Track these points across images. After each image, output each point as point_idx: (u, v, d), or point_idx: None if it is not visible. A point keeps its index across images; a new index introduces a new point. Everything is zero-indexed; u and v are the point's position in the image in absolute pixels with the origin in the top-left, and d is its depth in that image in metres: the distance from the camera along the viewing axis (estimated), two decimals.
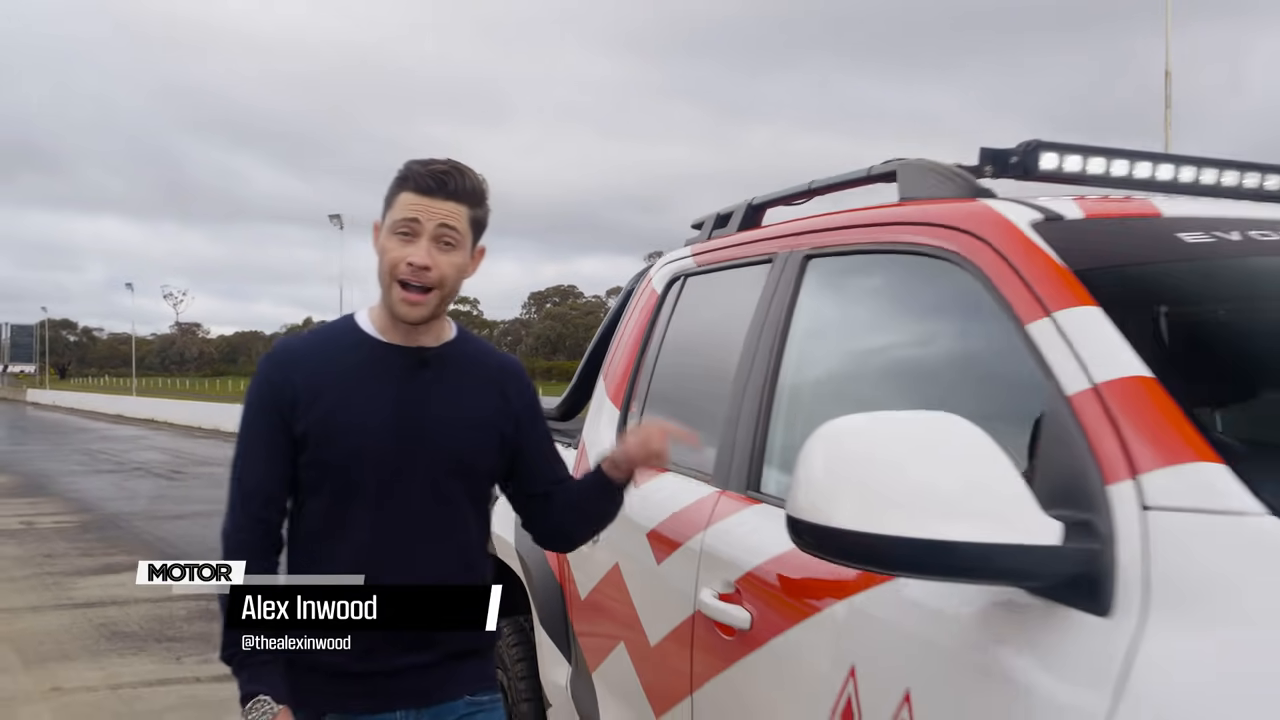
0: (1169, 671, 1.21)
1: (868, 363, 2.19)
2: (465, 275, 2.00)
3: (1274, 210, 2.05)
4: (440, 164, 1.96)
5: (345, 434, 1.93)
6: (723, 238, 2.88)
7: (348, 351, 2.00)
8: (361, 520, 1.95)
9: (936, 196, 2.04)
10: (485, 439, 2.03)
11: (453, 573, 1.98)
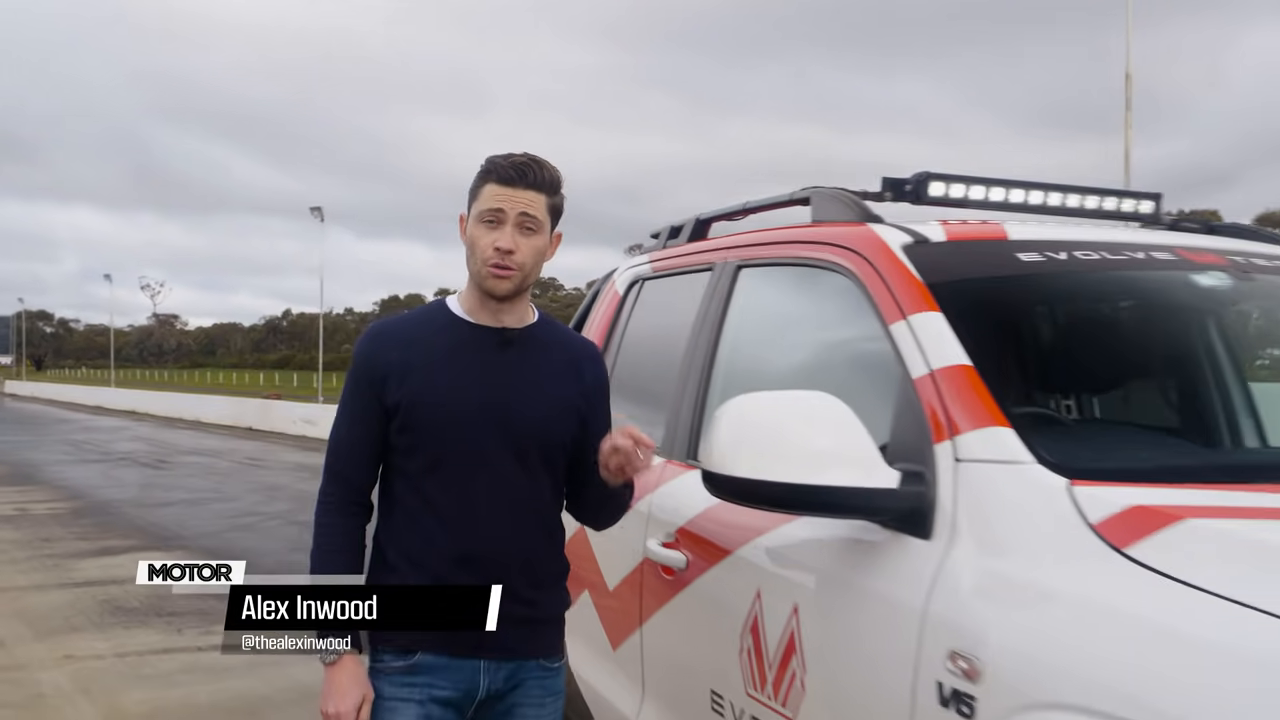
0: (963, 574, 1.69)
1: (780, 353, 2.67)
2: (545, 258, 2.18)
3: (1106, 232, 2.53)
4: (519, 157, 2.14)
5: (435, 408, 2.11)
6: (675, 248, 3.36)
7: (438, 331, 2.18)
8: (448, 485, 2.12)
9: (838, 219, 2.52)
10: (563, 414, 2.19)
11: (535, 538, 2.16)
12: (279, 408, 31.28)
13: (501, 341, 2.16)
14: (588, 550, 3.07)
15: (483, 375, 2.13)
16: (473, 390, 2.12)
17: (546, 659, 2.21)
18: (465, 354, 2.14)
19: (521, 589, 2.12)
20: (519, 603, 2.11)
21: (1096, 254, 2.27)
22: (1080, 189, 2.85)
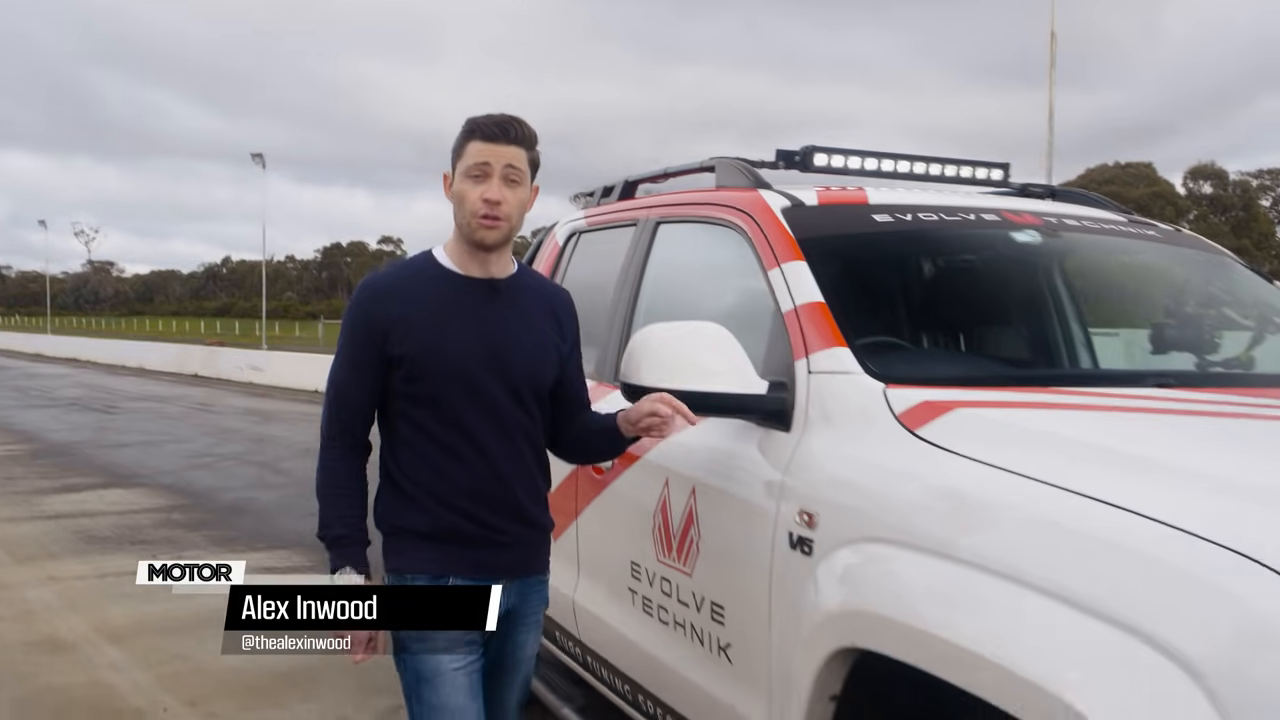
0: (810, 455, 2.30)
1: (688, 293, 3.25)
2: (527, 209, 2.36)
3: (949, 197, 3.14)
4: (500, 116, 2.31)
5: (442, 358, 2.28)
6: (606, 205, 3.92)
7: (432, 284, 2.34)
8: (455, 423, 2.29)
9: (736, 185, 3.09)
10: (548, 356, 2.40)
11: (533, 466, 2.39)
12: (225, 354, 31.35)
13: (491, 291, 2.35)
14: None
15: (480, 324, 2.32)
16: (473, 339, 2.30)
17: (543, 573, 2.47)
18: (463, 305, 2.32)
19: (530, 512, 2.36)
20: (528, 525, 2.37)
21: (935, 215, 2.88)
22: (940, 159, 3.45)
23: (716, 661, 2.57)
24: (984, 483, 1.88)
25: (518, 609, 2.41)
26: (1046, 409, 2.22)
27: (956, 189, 3.59)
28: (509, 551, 2.34)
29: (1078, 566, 1.63)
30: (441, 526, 2.30)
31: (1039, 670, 1.62)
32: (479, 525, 2.30)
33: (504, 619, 2.33)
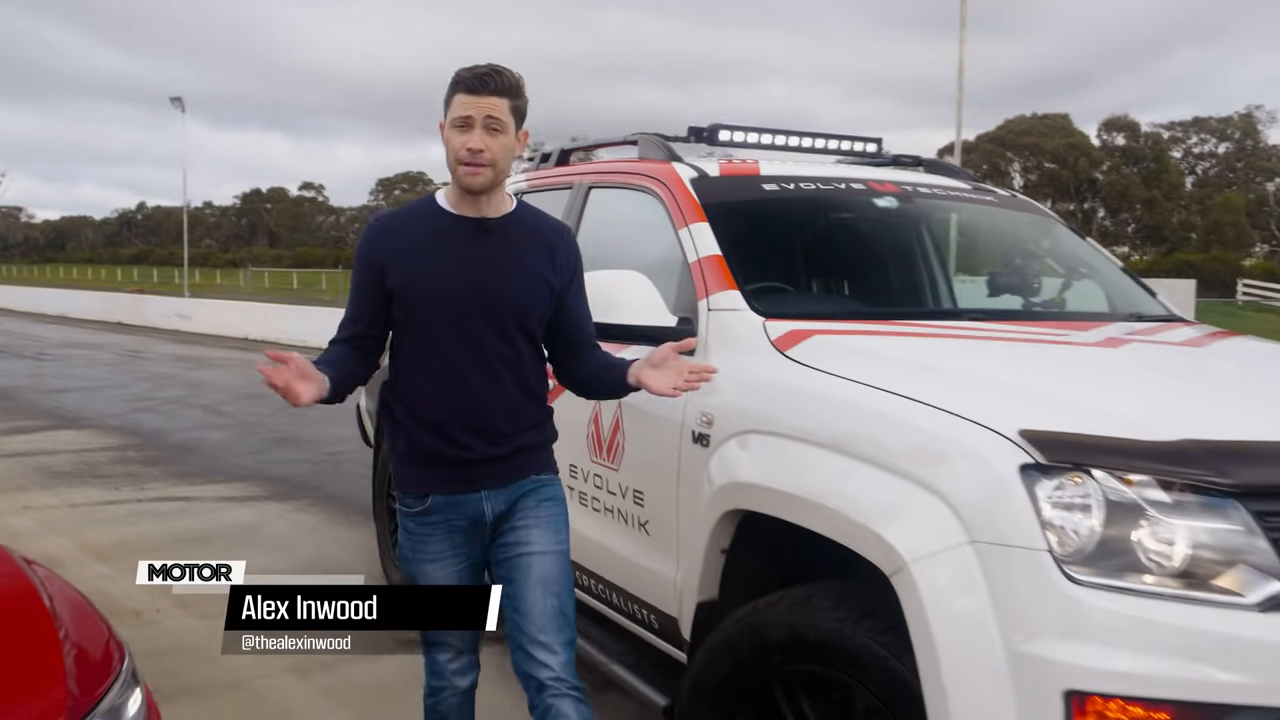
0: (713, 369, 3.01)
1: (616, 247, 3.92)
2: (513, 153, 2.50)
3: (826, 169, 3.85)
4: (483, 68, 2.46)
5: (424, 287, 2.48)
6: (545, 170, 4.56)
7: (427, 223, 2.54)
8: (440, 353, 2.50)
9: (654, 158, 3.76)
10: (536, 289, 2.54)
11: (514, 393, 2.56)
12: (150, 302, 31.23)
13: (480, 229, 2.53)
14: None
15: (464, 259, 2.50)
16: (455, 273, 2.49)
17: (537, 474, 2.64)
18: (449, 241, 2.51)
19: (507, 432, 2.56)
20: (504, 444, 2.56)
21: (814, 185, 3.59)
22: (825, 134, 4.15)
23: (639, 536, 3.29)
24: (823, 385, 2.62)
25: (517, 510, 2.60)
26: (879, 335, 2.95)
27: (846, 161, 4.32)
28: (482, 466, 2.55)
29: (882, 440, 2.37)
30: (423, 450, 2.55)
31: (858, 512, 2.36)
32: (455, 446, 2.52)
33: (498, 524, 2.59)
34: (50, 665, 2.03)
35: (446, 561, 2.62)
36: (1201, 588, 2.06)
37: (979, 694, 2.10)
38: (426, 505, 2.59)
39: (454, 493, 2.58)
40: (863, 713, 2.43)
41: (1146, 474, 2.12)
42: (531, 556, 2.58)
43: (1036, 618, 2.07)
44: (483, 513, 2.59)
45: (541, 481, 2.66)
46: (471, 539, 2.63)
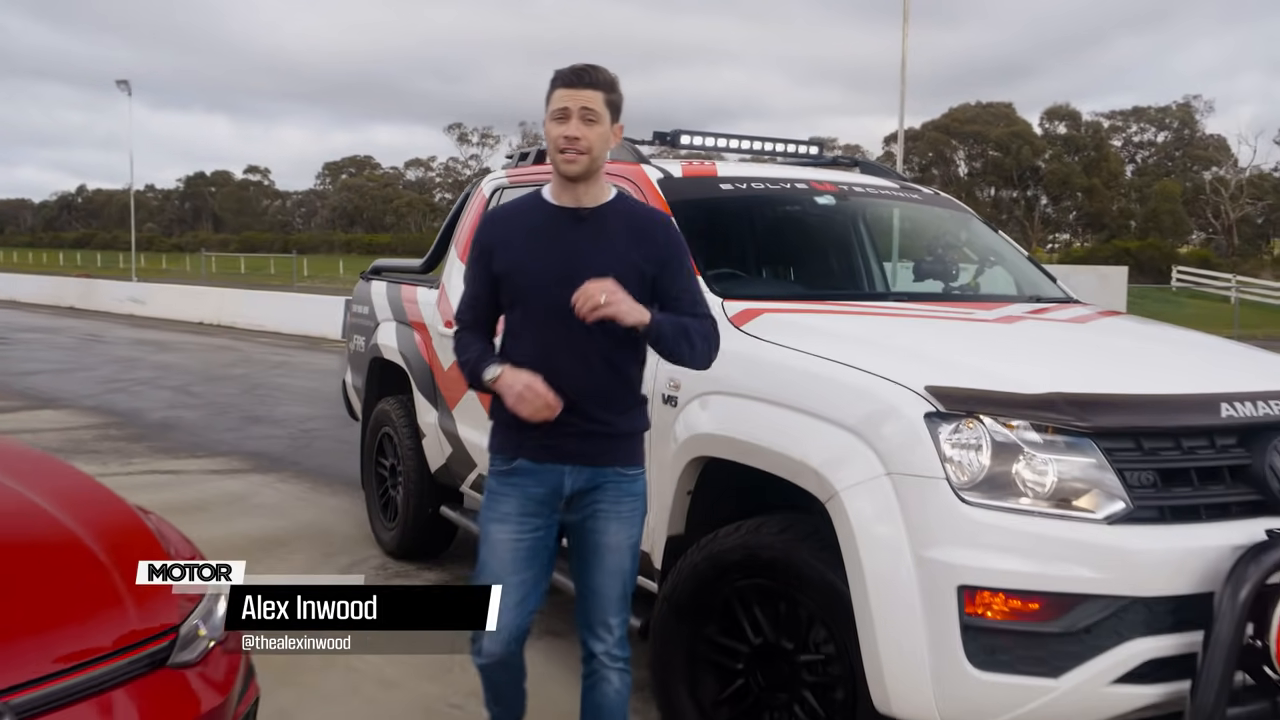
0: None
1: None
2: (609, 144, 2.68)
3: (775, 170, 4.42)
4: (579, 65, 2.66)
5: (523, 273, 2.67)
6: (524, 167, 5.08)
7: (530, 214, 2.75)
8: (535, 333, 2.67)
9: (626, 160, 4.30)
10: (626, 275, 2.62)
11: (605, 375, 2.69)
12: (103, 287, 31.15)
13: (576, 219, 2.69)
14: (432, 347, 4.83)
15: (560, 247, 2.67)
16: (551, 260, 2.65)
17: (623, 467, 2.77)
18: (548, 231, 2.69)
19: (595, 412, 2.69)
20: (593, 422, 2.70)
21: (763, 184, 4.15)
22: (773, 139, 4.72)
23: None
24: (769, 352, 3.19)
25: (591, 496, 2.75)
26: (817, 313, 3.53)
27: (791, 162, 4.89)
28: (570, 441, 2.69)
29: (815, 395, 2.95)
30: (517, 417, 2.67)
31: (799, 453, 2.93)
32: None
33: (575, 500, 2.75)
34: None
35: (511, 525, 2.76)
36: (1064, 507, 2.66)
37: (895, 592, 2.68)
38: (512, 467, 2.76)
39: (540, 460, 2.73)
40: (804, 618, 3.02)
41: (1023, 419, 2.71)
42: (608, 548, 2.78)
43: (937, 531, 2.65)
44: (562, 485, 2.73)
45: (627, 476, 2.79)
46: (544, 509, 2.76)
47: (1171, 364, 3.37)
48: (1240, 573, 2.54)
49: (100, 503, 2.81)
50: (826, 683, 2.98)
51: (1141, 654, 2.58)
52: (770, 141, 4.72)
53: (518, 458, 2.75)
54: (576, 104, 2.62)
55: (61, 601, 2.32)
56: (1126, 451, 2.70)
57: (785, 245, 4.37)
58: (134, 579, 2.43)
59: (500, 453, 2.79)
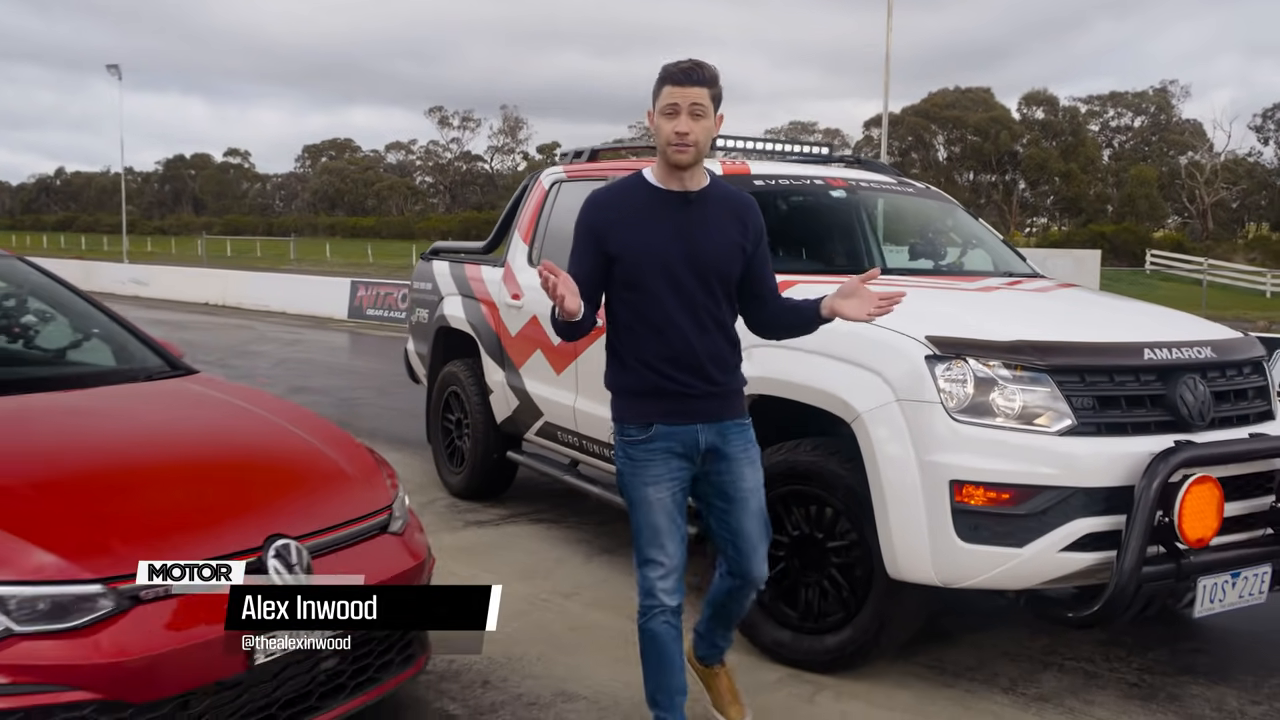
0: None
1: None
2: (712, 134, 2.87)
3: (798, 169, 5.35)
4: (686, 63, 2.83)
5: (638, 253, 2.87)
6: (579, 164, 6.00)
7: (638, 195, 2.94)
8: (657, 305, 2.90)
9: None
10: (732, 252, 2.93)
11: (718, 340, 3.00)
12: (104, 269, 31.85)
13: (684, 202, 2.93)
14: (538, 328, 5.75)
15: (675, 227, 2.91)
16: (669, 240, 2.90)
17: (739, 418, 3.09)
18: (660, 212, 2.92)
19: (714, 374, 2.99)
20: (712, 384, 2.99)
21: (787, 181, 5.09)
22: (792, 141, 5.65)
23: None
24: None
25: (722, 447, 3.04)
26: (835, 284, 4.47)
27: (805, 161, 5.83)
28: (698, 402, 2.98)
29: (841, 345, 3.87)
30: (647, 385, 2.97)
31: (831, 387, 3.87)
32: (674, 382, 2.95)
33: (710, 454, 3.04)
34: (374, 465, 3.48)
35: (663, 484, 3.01)
36: (1028, 424, 3.61)
37: (903, 487, 3.64)
38: (650, 434, 2.99)
39: (674, 423, 2.98)
40: (831, 515, 3.97)
41: (998, 360, 3.66)
42: (747, 493, 3.10)
43: (935, 442, 3.61)
44: (697, 443, 3.01)
45: (744, 425, 3.11)
46: (685, 465, 3.03)
47: (1108, 321, 4.35)
48: (1153, 470, 3.50)
49: (332, 432, 3.69)
50: (848, 563, 3.94)
51: (1082, 529, 3.54)
52: (787, 143, 5.66)
53: (653, 424, 2.99)
54: (686, 100, 2.84)
55: (324, 491, 3.26)
56: (1073, 383, 3.66)
57: (807, 230, 5.30)
58: (361, 478, 3.36)
59: (633, 422, 3.01)
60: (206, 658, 2.64)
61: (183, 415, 3.59)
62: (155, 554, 2.64)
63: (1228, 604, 3.69)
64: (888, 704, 3.75)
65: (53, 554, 2.54)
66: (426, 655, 3.39)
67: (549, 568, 5.27)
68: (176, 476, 3.08)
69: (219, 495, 3.02)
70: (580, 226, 3.00)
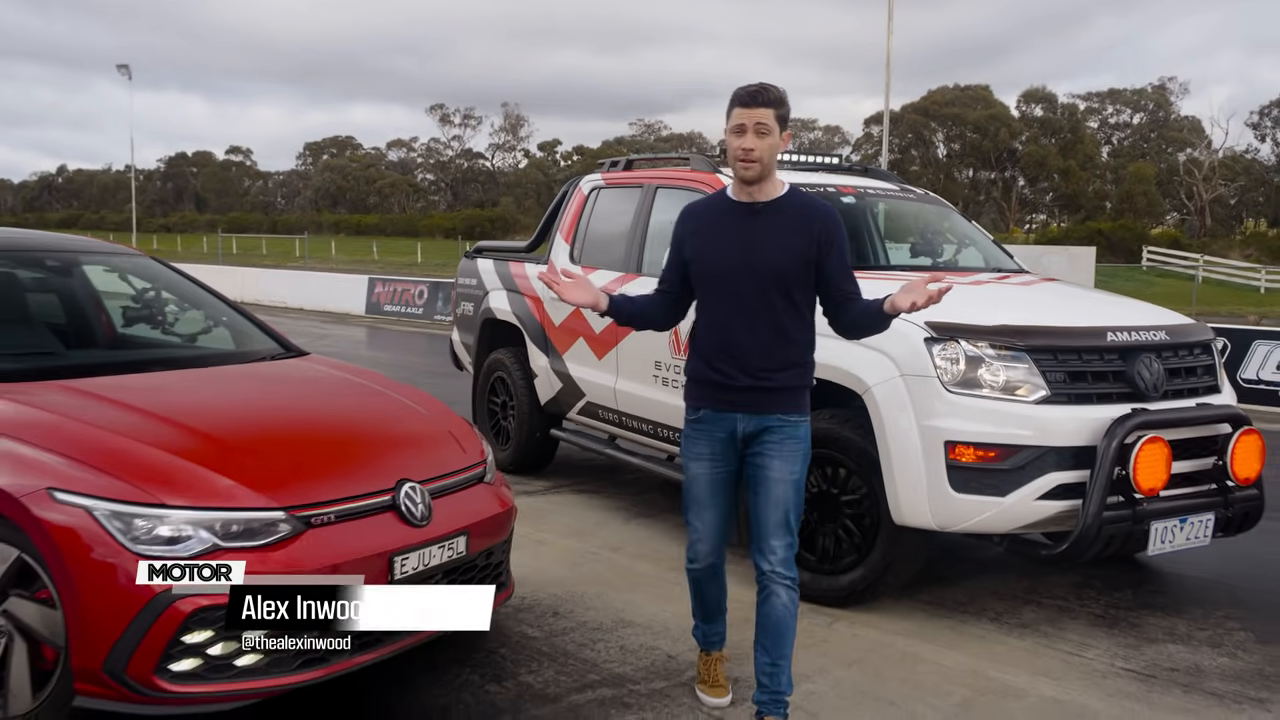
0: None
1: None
2: (778, 151, 3.15)
3: (811, 177, 6.09)
4: (754, 86, 3.15)
5: (706, 258, 3.26)
6: (616, 171, 6.73)
7: (716, 207, 3.33)
8: (715, 305, 3.26)
9: (700, 169, 5.92)
10: (795, 261, 3.17)
11: (769, 339, 3.23)
12: None
13: (751, 212, 3.22)
14: (582, 318, 6.46)
15: (738, 236, 3.22)
16: (729, 246, 3.22)
17: (784, 414, 3.29)
18: (727, 222, 3.25)
19: (759, 370, 3.25)
20: (759, 378, 3.26)
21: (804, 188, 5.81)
22: (807, 151, 6.39)
23: None
24: None
25: (759, 436, 3.32)
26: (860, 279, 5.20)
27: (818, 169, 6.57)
28: (741, 394, 3.29)
29: None
30: (702, 374, 3.35)
31: (847, 365, 4.60)
32: (721, 374, 3.30)
33: (749, 441, 3.34)
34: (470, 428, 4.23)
35: (705, 462, 3.39)
36: (1009, 394, 4.35)
37: (906, 447, 4.37)
38: (699, 416, 3.39)
39: (719, 409, 3.34)
40: (844, 474, 4.70)
41: (985, 341, 4.40)
42: (772, 480, 3.31)
43: (932, 409, 4.34)
44: (736, 430, 3.33)
45: (789, 421, 3.32)
46: (727, 449, 3.36)
47: (1078, 309, 5.09)
48: (1113, 432, 4.23)
49: (433, 401, 4.42)
50: (859, 514, 4.67)
51: (1054, 481, 4.27)
52: (805, 154, 6.39)
53: (701, 408, 3.38)
54: (751, 120, 3.14)
55: (435, 447, 3.98)
56: (1047, 360, 4.39)
57: None
58: (461, 439, 4.09)
59: (690, 403, 3.42)
60: (360, 571, 3.36)
61: (315, 387, 4.34)
62: (320, 492, 3.37)
63: (1177, 545, 4.42)
64: (893, 630, 4.48)
65: (249, 486, 3.27)
66: (510, 590, 4.13)
67: (594, 528, 6.01)
68: (325, 433, 3.83)
69: (359, 447, 3.76)
70: (674, 232, 3.49)
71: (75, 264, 4.80)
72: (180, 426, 3.52)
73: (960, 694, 3.86)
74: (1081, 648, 4.35)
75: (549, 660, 4.04)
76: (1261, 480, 4.66)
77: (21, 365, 3.92)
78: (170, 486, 3.20)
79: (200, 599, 3.05)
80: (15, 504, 3.15)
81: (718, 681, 3.73)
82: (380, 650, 3.43)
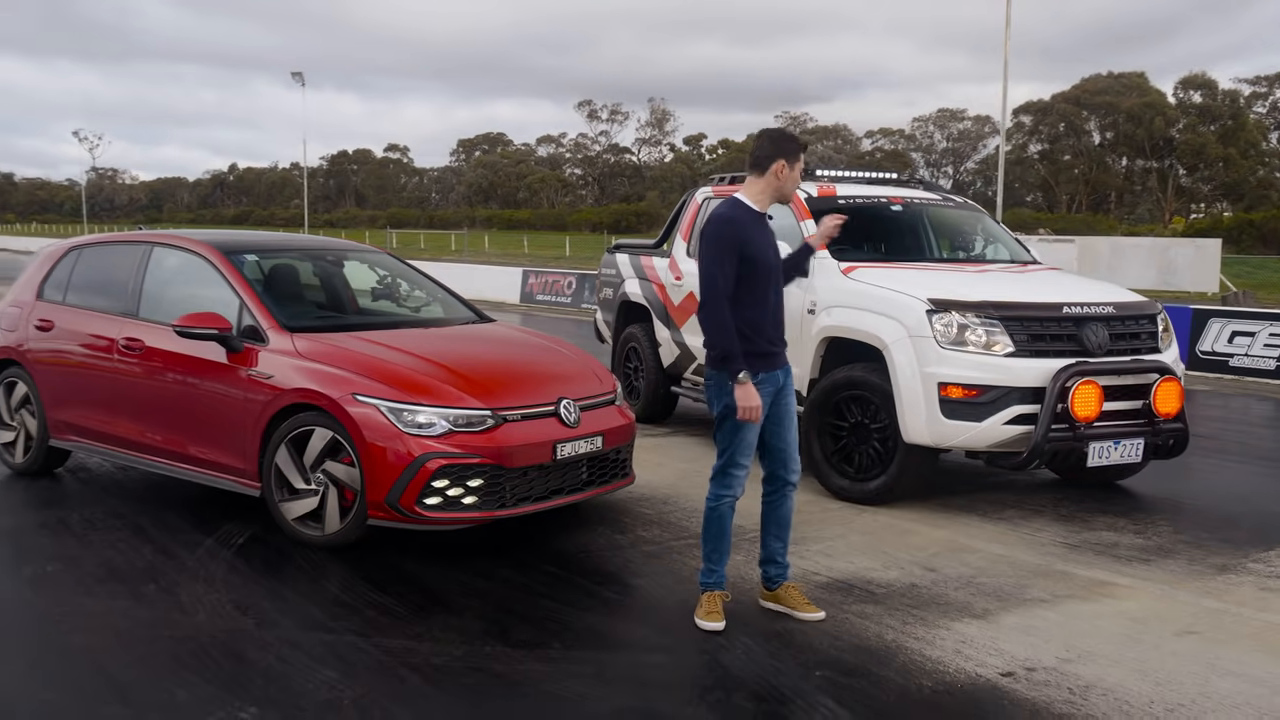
0: (816, 282, 7.12)
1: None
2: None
3: (871, 189, 7.89)
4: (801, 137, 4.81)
5: (755, 255, 4.28)
6: (722, 186, 8.65)
7: (752, 216, 4.38)
8: (758, 296, 4.32)
9: None
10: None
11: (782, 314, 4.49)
12: None
13: (765, 221, 4.46)
14: (694, 299, 8.40)
15: (768, 240, 4.44)
16: (770, 249, 4.41)
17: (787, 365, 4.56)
18: (761, 229, 4.41)
19: (779, 339, 4.48)
20: (782, 344, 4.50)
21: (863, 199, 7.63)
22: (866, 167, 8.18)
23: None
24: (859, 286, 6.69)
25: (785, 385, 4.51)
26: (884, 269, 6.98)
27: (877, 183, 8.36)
28: (778, 357, 4.47)
29: (879, 304, 6.45)
30: (753, 347, 4.33)
31: (873, 329, 6.45)
32: (768, 344, 4.40)
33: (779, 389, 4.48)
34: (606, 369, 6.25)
35: (765, 405, 4.41)
36: (987, 350, 6.12)
37: (912, 388, 6.19)
38: (760, 379, 4.36)
39: (769, 370, 4.42)
40: (873, 409, 6.53)
41: (971, 312, 6.17)
42: (791, 411, 4.56)
43: (930, 360, 6.15)
44: (779, 380, 4.49)
45: (790, 370, 4.61)
46: (771, 393, 4.45)
47: (1048, 289, 6.75)
48: (1057, 377, 5.96)
49: (580, 350, 6.47)
50: (884, 437, 6.48)
51: (1016, 412, 6.02)
52: (865, 170, 8.18)
53: (759, 373, 4.38)
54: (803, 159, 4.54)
55: (582, 378, 6.01)
56: (1015, 326, 6.14)
57: (873, 232, 7.80)
58: (600, 374, 6.10)
59: (751, 370, 4.31)
60: (535, 451, 5.39)
61: (504, 339, 6.46)
62: (511, 401, 5.43)
63: (1112, 460, 6.12)
64: (905, 517, 6.29)
65: (470, 395, 5.35)
66: (631, 478, 6.13)
67: (698, 457, 7.95)
68: (513, 367, 5.91)
69: (534, 377, 5.82)
70: (725, 239, 4.32)
71: (344, 259, 7.03)
72: (425, 359, 5.64)
73: (932, 549, 5.67)
74: (1037, 531, 6.09)
75: (657, 525, 6.02)
76: (1184, 415, 6.31)
77: (328, 322, 6.15)
78: (424, 393, 5.31)
79: (442, 460, 5.15)
80: (334, 403, 5.31)
81: (718, 613, 4.54)
82: (549, 503, 5.47)
